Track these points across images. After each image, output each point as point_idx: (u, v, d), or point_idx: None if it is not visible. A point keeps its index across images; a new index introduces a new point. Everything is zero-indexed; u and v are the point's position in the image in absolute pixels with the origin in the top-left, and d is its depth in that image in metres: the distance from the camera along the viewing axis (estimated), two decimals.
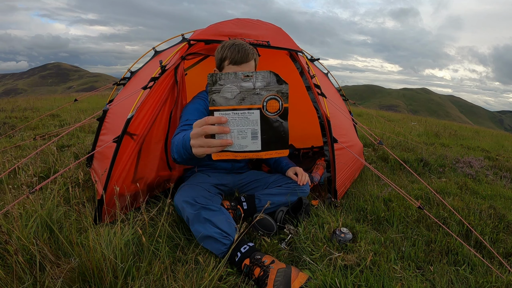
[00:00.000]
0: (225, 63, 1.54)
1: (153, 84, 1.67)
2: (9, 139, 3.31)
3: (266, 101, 0.83)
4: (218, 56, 1.57)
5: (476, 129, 7.24)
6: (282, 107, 0.84)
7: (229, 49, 1.51)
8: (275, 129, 0.85)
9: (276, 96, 0.83)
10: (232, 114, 0.84)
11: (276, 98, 0.83)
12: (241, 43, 1.54)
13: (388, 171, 2.83)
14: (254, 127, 0.85)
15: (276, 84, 0.83)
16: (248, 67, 1.55)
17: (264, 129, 0.85)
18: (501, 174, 2.95)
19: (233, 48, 1.51)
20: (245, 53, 1.51)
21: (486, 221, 1.78)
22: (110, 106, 2.12)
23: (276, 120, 0.84)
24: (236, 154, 0.87)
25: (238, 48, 1.51)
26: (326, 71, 2.93)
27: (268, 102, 0.83)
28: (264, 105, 0.83)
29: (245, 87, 0.83)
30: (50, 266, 1.20)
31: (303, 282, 1.20)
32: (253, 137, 0.85)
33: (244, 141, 0.86)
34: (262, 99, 0.83)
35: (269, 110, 0.84)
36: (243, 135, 0.85)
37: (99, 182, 1.74)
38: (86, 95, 6.54)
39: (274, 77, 0.82)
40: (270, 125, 0.85)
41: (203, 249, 1.43)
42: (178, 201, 1.50)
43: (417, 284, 1.24)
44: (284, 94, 0.83)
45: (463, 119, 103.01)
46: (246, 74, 0.82)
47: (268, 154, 0.87)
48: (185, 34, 2.10)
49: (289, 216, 1.67)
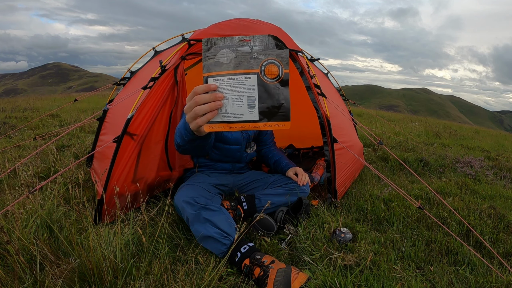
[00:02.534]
0: None
1: (153, 84, 1.67)
2: (9, 139, 3.31)
3: (264, 66, 0.76)
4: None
5: (476, 129, 7.24)
6: (282, 73, 0.77)
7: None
8: (274, 97, 0.77)
9: (275, 61, 0.76)
10: (227, 80, 0.77)
11: (275, 63, 0.76)
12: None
13: (388, 171, 2.83)
14: (251, 93, 0.77)
15: (275, 49, 0.76)
16: None
17: (262, 97, 0.77)
18: (501, 174, 2.95)
19: None
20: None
21: (486, 221, 1.78)
22: (110, 106, 2.12)
23: (275, 87, 0.77)
24: (231, 125, 0.78)
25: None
26: (326, 71, 2.93)
27: (266, 66, 0.77)
28: (262, 70, 0.76)
29: (241, 51, 0.76)
30: (50, 266, 1.20)
31: (303, 282, 1.20)
32: (250, 105, 0.77)
33: (239, 109, 0.77)
34: (260, 64, 0.76)
35: (268, 75, 0.76)
36: (239, 102, 0.77)
37: (99, 182, 1.75)
38: (86, 95, 6.54)
39: (273, 41, 0.76)
40: (268, 92, 0.77)
41: (203, 249, 1.43)
42: (178, 201, 1.50)
43: (417, 284, 1.24)
44: (284, 59, 0.76)
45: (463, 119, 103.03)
46: (243, 38, 0.76)
47: (266, 126, 0.78)
48: (185, 34, 2.10)
49: (289, 216, 1.67)
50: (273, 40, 0.76)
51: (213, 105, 0.75)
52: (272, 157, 2.02)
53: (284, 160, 1.97)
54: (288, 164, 1.93)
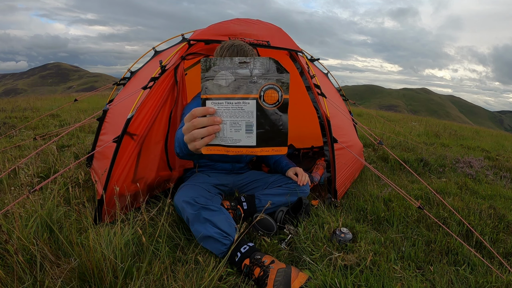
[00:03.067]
0: None
1: (153, 84, 1.67)
2: (9, 139, 3.31)
3: (264, 91, 0.75)
4: (217, 56, 1.57)
5: (476, 129, 7.24)
6: (282, 99, 0.76)
7: (227, 50, 1.50)
8: (272, 122, 0.76)
9: (275, 86, 0.75)
10: (225, 104, 0.76)
11: (275, 88, 0.75)
12: (240, 43, 1.53)
13: (388, 171, 2.83)
14: (249, 119, 0.76)
15: (275, 73, 0.75)
16: None
17: (260, 123, 0.76)
18: (501, 174, 2.95)
19: (232, 49, 1.50)
20: (243, 54, 1.51)
21: (486, 221, 1.78)
22: (110, 106, 2.12)
23: (274, 113, 0.76)
24: (228, 149, 0.78)
25: (237, 49, 1.50)
26: (326, 71, 2.93)
27: (266, 92, 0.75)
28: (262, 95, 0.75)
29: (241, 74, 0.75)
30: (50, 266, 1.20)
31: (303, 282, 1.20)
32: (248, 131, 0.76)
33: (237, 134, 0.77)
34: (259, 88, 0.75)
35: (267, 101, 0.75)
36: (237, 127, 0.76)
37: (99, 182, 1.75)
38: (86, 95, 6.54)
39: (274, 65, 0.75)
40: (267, 118, 0.76)
41: (203, 249, 1.43)
42: (178, 201, 1.50)
43: (417, 284, 1.24)
44: (284, 84, 0.75)
45: (463, 119, 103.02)
46: (243, 60, 0.74)
47: (263, 151, 0.78)
48: (185, 34, 2.10)
49: (289, 216, 1.67)
50: (274, 64, 0.75)
51: (211, 129, 0.75)
52: (272, 157, 2.02)
53: (284, 160, 1.97)
54: (288, 164, 1.93)
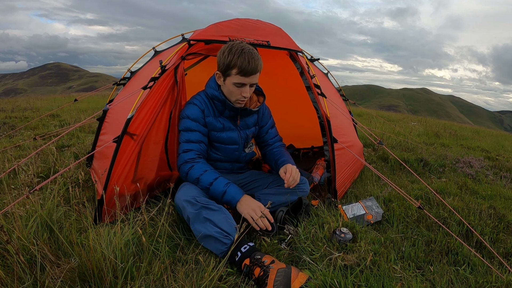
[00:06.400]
0: (233, 71, 1.53)
1: (153, 84, 1.67)
2: (9, 139, 3.31)
3: None
4: (224, 61, 1.54)
5: (476, 129, 7.25)
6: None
7: (238, 57, 1.48)
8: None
9: None
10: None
11: None
12: (250, 50, 1.51)
13: (388, 171, 2.83)
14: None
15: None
16: (256, 78, 1.57)
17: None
18: (501, 174, 2.95)
19: (243, 58, 1.47)
20: (254, 64, 1.50)
21: (486, 221, 1.78)
22: (110, 106, 2.12)
23: None
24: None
25: (248, 58, 1.47)
26: (326, 71, 2.93)
27: None
28: None
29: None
30: (50, 266, 1.20)
31: (303, 282, 1.20)
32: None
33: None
34: None
35: None
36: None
37: (99, 182, 1.74)
38: (86, 95, 6.54)
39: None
40: None
41: (203, 249, 1.43)
42: (179, 200, 1.50)
43: (417, 284, 1.24)
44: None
45: (463, 119, 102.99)
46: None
47: None
48: (185, 34, 2.10)
49: (289, 216, 1.67)
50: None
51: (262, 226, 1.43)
52: (272, 158, 1.96)
53: (280, 159, 1.87)
54: (282, 162, 1.82)
